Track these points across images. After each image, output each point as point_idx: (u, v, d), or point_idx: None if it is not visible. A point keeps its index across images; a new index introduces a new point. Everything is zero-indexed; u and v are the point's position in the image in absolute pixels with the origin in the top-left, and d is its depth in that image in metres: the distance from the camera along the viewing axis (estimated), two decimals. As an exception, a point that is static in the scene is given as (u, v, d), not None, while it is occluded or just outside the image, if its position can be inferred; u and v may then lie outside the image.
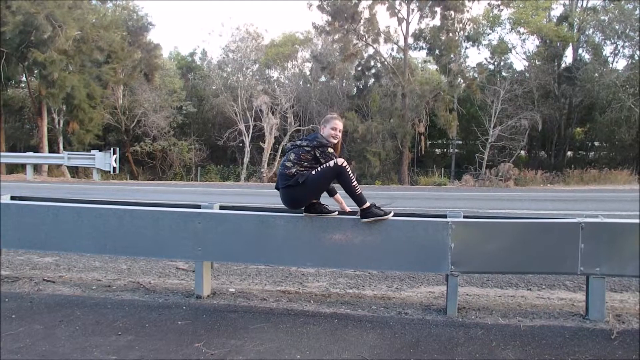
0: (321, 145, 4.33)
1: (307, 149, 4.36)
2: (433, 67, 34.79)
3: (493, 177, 24.77)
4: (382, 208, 4.51)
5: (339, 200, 4.75)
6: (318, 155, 4.30)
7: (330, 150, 4.32)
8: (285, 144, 31.87)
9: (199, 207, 5.05)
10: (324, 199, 4.59)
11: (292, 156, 4.39)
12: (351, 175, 4.34)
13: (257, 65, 34.25)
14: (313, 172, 4.28)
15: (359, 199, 4.41)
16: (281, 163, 4.47)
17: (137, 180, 29.38)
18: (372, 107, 31.07)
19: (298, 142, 4.46)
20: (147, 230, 4.86)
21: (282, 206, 4.61)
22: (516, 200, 15.06)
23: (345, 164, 4.30)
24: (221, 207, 5.10)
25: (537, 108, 28.36)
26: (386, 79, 29.61)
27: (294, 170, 4.30)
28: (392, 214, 4.47)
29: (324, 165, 4.29)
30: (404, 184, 26.58)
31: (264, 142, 29.11)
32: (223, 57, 34.13)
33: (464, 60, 29.37)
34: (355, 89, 32.58)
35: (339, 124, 4.48)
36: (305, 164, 4.31)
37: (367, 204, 4.43)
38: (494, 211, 11.23)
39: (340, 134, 4.48)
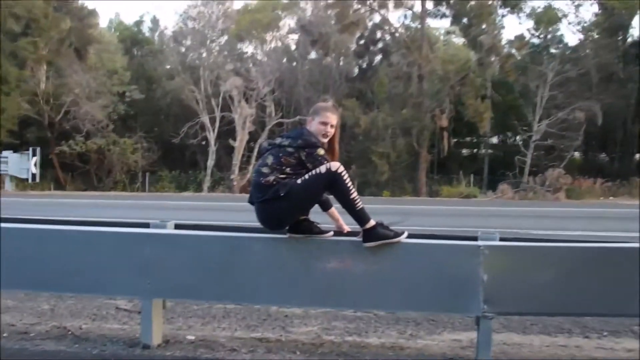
0: (308, 145, 4.30)
1: (289, 149, 4.31)
2: (459, 40, 35.13)
3: (538, 187, 24.96)
4: (391, 228, 4.48)
5: (335, 217, 4.71)
6: (304, 158, 4.27)
7: (321, 152, 4.29)
8: (262, 142, 31.95)
9: (147, 226, 5.04)
10: (315, 214, 4.58)
11: (269, 160, 4.35)
12: (349, 184, 4.30)
13: (226, 37, 34.37)
14: (298, 181, 4.24)
15: (360, 216, 4.36)
16: (255, 169, 4.45)
17: (65, 190, 29.29)
18: (378, 93, 31.25)
19: (278, 141, 4.42)
20: (77, 257, 4.83)
21: (257, 225, 4.59)
22: (568, 217, 15.17)
23: (341, 169, 4.26)
24: (177, 227, 5.09)
25: (596, 96, 28.56)
26: (397, 56, 29.81)
27: (272, 178, 4.27)
28: (405, 235, 4.45)
29: (313, 172, 4.25)
30: (421, 196, 26.70)
31: (235, 140, 29.16)
32: (180, 26, 34.24)
33: (499, 32, 29.64)
34: (356, 70, 32.80)
35: (332, 117, 4.44)
36: (288, 170, 4.27)
37: (372, 223, 4.39)
38: (540, 232, 11.31)
39: (333, 130, 4.45)
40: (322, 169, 4.23)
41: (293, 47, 36.68)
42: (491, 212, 17.04)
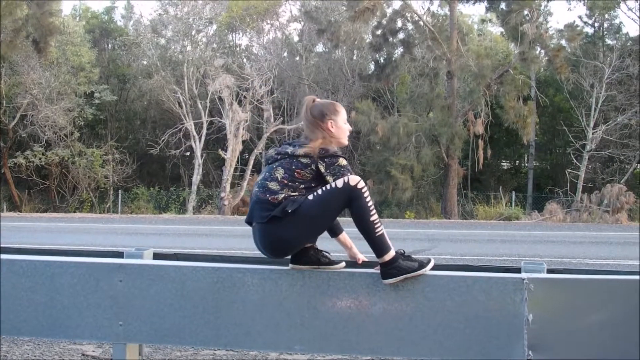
0: (327, 154, 4.31)
1: (304, 160, 4.32)
2: (497, 30, 35.22)
3: (594, 207, 24.89)
4: (414, 257, 4.47)
5: (347, 244, 4.72)
6: (323, 170, 4.28)
7: (343, 162, 4.31)
8: (261, 152, 32.02)
9: (120, 255, 5.05)
10: (323, 240, 4.58)
11: (279, 173, 4.36)
12: (370, 204, 4.29)
13: (215, 27, 34.56)
14: (310, 197, 4.24)
15: (379, 244, 4.34)
16: (259, 183, 4.44)
17: (20, 212, 29.37)
18: (399, 93, 31.34)
19: (289, 150, 4.40)
20: (34, 293, 4.83)
21: (257, 253, 4.60)
22: (631, 244, 15.10)
23: (361, 184, 4.26)
24: (156, 256, 5.11)
25: (664, 96, 28.57)
26: (422, 49, 29.90)
27: (281, 196, 4.27)
28: (431, 264, 4.44)
29: (327, 187, 4.26)
30: (452, 218, 26.64)
31: (226, 151, 29.23)
32: (159, 14, 34.40)
33: (545, 20, 29.72)
34: (372, 65, 32.88)
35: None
36: (302, 186, 4.29)
37: (392, 254, 4.36)
38: (597, 262, 11.25)
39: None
40: (339, 182, 4.23)
41: (296, 38, 36.87)
42: (537, 237, 16.99)
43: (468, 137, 29.00)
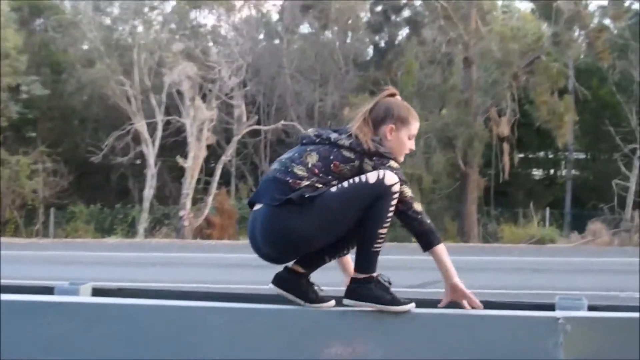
0: (379, 152, 4.44)
1: (347, 154, 4.42)
2: (526, 6, 35.38)
3: (648, 227, 24.96)
4: (393, 291, 4.54)
5: (347, 265, 4.81)
6: (372, 169, 4.39)
7: (395, 164, 4.46)
8: (230, 160, 31.94)
9: (51, 291, 5.02)
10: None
11: (312, 158, 4.45)
12: (390, 214, 4.41)
13: (173, 3, 34.60)
14: (333, 189, 4.34)
15: (368, 259, 4.46)
16: (282, 161, 4.51)
17: None
18: (404, 84, 31.30)
19: (334, 136, 4.50)
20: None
21: (223, 287, 4.62)
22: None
23: (397, 188, 4.36)
24: (95, 292, 5.09)
25: None
26: (433, 30, 30.03)
27: (305, 183, 4.36)
28: (410, 306, 4.49)
29: (356, 180, 4.36)
30: (471, 240, 26.65)
31: (186, 158, 29.19)
32: (104, -14, 34.42)
33: (586, -6, 29.89)
34: (370, 50, 32.98)
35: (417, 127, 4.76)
36: (334, 182, 4.38)
37: (368, 274, 4.47)
38: (652, 296, 11.26)
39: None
40: (371, 177, 4.32)
41: (275, 17, 36.96)
42: (577, 265, 17.05)
43: (490, 140, 29.12)
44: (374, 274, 4.47)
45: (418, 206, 4.40)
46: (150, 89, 30.52)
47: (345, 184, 4.33)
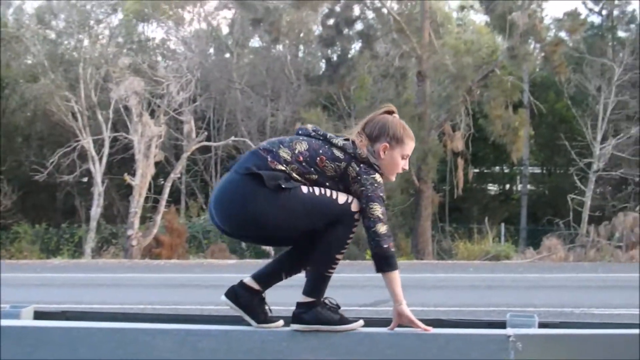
0: (364, 161, 4.51)
1: (337, 153, 4.50)
2: (480, 19, 35.65)
3: (603, 242, 25.17)
4: (340, 312, 4.59)
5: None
6: (354, 174, 4.46)
7: (379, 178, 4.52)
8: (180, 177, 31.81)
9: (-10, 314, 4.96)
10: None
11: (301, 146, 4.52)
12: (349, 241, 4.55)
13: (120, 15, 34.44)
14: (304, 190, 4.41)
15: (317, 283, 4.52)
16: (272, 141, 4.59)
17: None
18: (357, 99, 31.41)
19: (329, 135, 4.59)
20: None
21: (171, 308, 4.61)
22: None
23: (359, 217, 4.49)
24: (38, 315, 5.05)
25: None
26: (386, 44, 30.11)
27: (282, 167, 4.40)
28: (355, 325, 4.53)
29: (328, 193, 4.44)
30: (426, 258, 26.71)
31: (134, 175, 29.02)
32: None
33: (539, 7, 30.15)
34: (323, 65, 32.98)
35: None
36: (314, 177, 4.45)
37: (315, 298, 4.52)
38: (607, 312, 11.38)
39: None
40: (341, 198, 4.45)
41: (225, 30, 36.87)
42: (532, 281, 17.15)
43: (445, 155, 29.22)
44: (322, 298, 4.52)
45: (382, 228, 4.42)
46: (96, 105, 30.27)
47: (317, 191, 4.41)
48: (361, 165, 4.46)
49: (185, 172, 33.57)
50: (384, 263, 4.46)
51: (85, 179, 32.59)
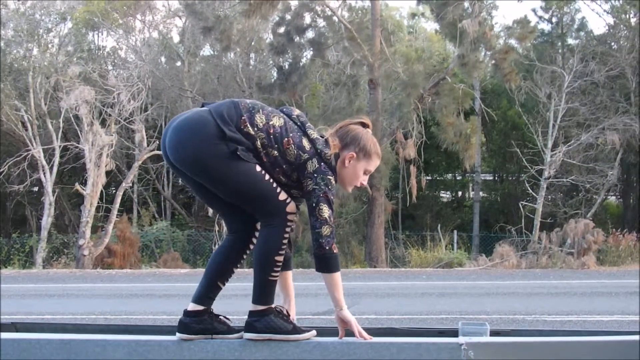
0: (327, 162, 4.56)
1: (305, 143, 4.56)
2: (431, 26, 35.85)
3: (555, 249, 25.34)
4: (292, 321, 4.66)
5: (288, 287, 4.97)
6: (310, 170, 4.51)
7: (333, 181, 4.58)
8: (131, 186, 31.58)
9: None
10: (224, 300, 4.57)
11: (276, 121, 4.57)
12: (284, 242, 4.57)
13: (70, 24, 34.20)
14: (258, 168, 4.49)
15: (264, 289, 4.57)
16: (256, 102, 4.67)
17: None
18: (309, 107, 31.40)
19: (307, 125, 4.67)
20: None
21: (123, 319, 4.59)
22: (602, 294, 15.49)
23: (292, 217, 4.57)
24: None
25: (637, 108, 29.20)
26: (337, 52, 30.16)
27: (251, 131, 4.47)
28: (308, 335, 4.56)
29: (274, 185, 4.52)
30: (379, 265, 26.74)
31: (85, 185, 28.80)
32: (-5, 7, 33.84)
33: (489, 15, 30.36)
34: (274, 73, 32.95)
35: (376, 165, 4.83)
36: (274, 154, 4.50)
37: (265, 305, 4.56)
38: (558, 318, 11.47)
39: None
40: (282, 195, 4.52)
41: (176, 38, 36.75)
42: (484, 288, 17.26)
43: (397, 163, 29.27)
44: (272, 305, 4.56)
45: (327, 230, 4.44)
46: (46, 114, 29.99)
47: (267, 176, 4.48)
48: (322, 164, 4.51)
49: (137, 181, 33.38)
50: (324, 264, 4.50)
51: (35, 189, 32.30)
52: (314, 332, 4.55)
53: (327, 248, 4.44)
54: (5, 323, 5.16)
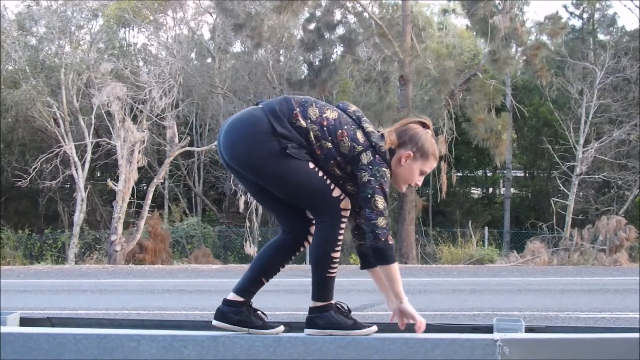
0: (381, 155, 4.55)
1: (360, 136, 4.56)
2: (461, 22, 35.72)
3: (587, 246, 25.19)
4: (352, 316, 4.63)
5: (382, 282, 4.91)
6: (365, 162, 4.51)
7: (388, 174, 4.56)
8: (163, 182, 31.69)
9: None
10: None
11: (330, 114, 4.58)
12: (340, 237, 4.60)
13: (101, 21, 34.34)
14: (311, 165, 4.50)
15: (324, 286, 4.59)
16: (309, 97, 4.69)
17: None
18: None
19: (364, 119, 4.66)
20: None
21: (156, 314, 4.58)
22: (635, 291, 15.34)
23: (347, 214, 4.60)
24: (24, 321, 5.04)
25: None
26: (368, 48, 30.10)
27: (304, 124, 4.48)
28: (369, 331, 4.56)
29: (328, 182, 4.53)
30: (410, 262, 26.69)
31: (117, 181, 28.92)
32: (28, 6, 34.09)
33: (521, 11, 30.21)
34: (305, 69, 32.95)
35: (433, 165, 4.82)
36: (328, 146, 4.50)
37: (325, 302, 4.57)
38: (591, 315, 11.39)
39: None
40: (336, 191, 4.55)
41: (207, 35, 36.83)
42: (516, 285, 17.17)
43: (428, 160, 29.12)
44: (332, 301, 4.57)
45: (382, 221, 4.44)
46: (78, 111, 30.14)
47: (320, 172, 4.48)
48: (376, 157, 4.49)
49: (169, 177, 33.51)
50: (382, 256, 4.50)
51: (67, 185, 32.49)
52: (374, 327, 4.54)
53: (383, 239, 4.43)
54: (42, 318, 5.18)
